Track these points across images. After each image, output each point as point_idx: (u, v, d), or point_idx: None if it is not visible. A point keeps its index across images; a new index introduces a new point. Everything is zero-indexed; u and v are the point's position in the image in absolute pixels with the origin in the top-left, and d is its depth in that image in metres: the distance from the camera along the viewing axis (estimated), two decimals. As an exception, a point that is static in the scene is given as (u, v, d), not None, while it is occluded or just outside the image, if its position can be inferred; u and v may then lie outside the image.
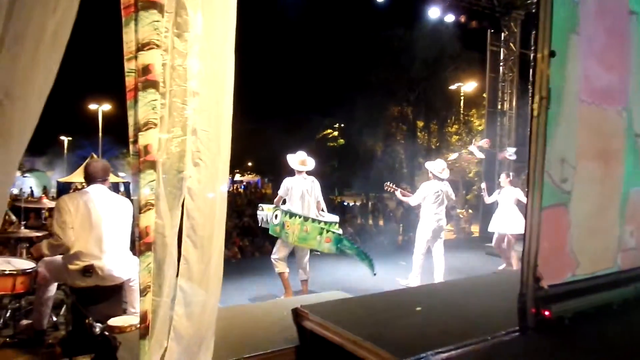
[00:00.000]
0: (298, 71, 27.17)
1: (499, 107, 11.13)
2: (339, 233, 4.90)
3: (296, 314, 2.60)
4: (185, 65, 2.17)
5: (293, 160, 5.07)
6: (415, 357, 1.93)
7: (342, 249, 4.90)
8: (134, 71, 2.05)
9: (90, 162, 3.63)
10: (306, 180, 5.03)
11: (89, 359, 2.65)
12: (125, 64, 2.07)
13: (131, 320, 2.67)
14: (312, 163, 5.10)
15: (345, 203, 17.68)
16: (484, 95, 12.63)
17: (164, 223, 2.16)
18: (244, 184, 28.58)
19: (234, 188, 26.30)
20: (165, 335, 2.21)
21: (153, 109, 2.05)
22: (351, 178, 26.90)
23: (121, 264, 3.19)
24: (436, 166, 5.82)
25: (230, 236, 8.74)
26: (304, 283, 5.02)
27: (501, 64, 10.95)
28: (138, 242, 2.12)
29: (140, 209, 2.08)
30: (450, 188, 5.92)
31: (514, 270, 5.86)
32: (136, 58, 2.03)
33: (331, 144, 32.66)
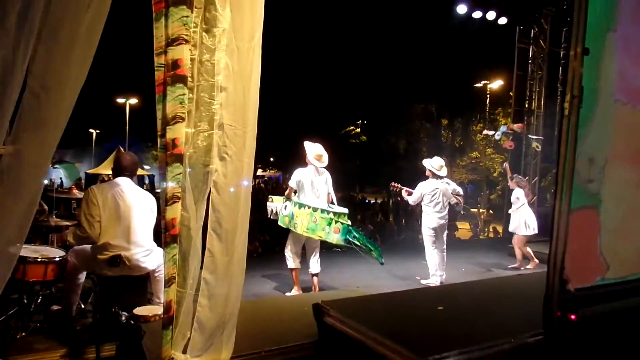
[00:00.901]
0: (323, 68, 27.11)
1: (526, 106, 10.88)
2: (348, 224, 4.82)
3: (317, 309, 2.62)
4: (213, 60, 2.19)
5: (310, 150, 4.97)
6: (437, 356, 1.91)
7: (351, 240, 4.82)
8: (163, 66, 2.09)
9: (122, 155, 3.69)
10: (319, 173, 4.97)
11: (115, 346, 2.72)
12: (155, 59, 2.11)
13: (156, 310, 2.73)
14: (327, 160, 5.01)
15: (366, 200, 17.59)
16: (511, 93, 12.35)
17: (190, 215, 2.20)
18: (265, 179, 28.69)
19: (256, 183, 26.44)
20: (188, 326, 2.25)
21: (181, 103, 2.08)
22: (373, 175, 26.74)
23: (147, 255, 3.26)
24: (433, 163, 5.73)
25: (251, 230, 8.78)
26: (314, 276, 4.99)
27: (530, 62, 10.70)
28: (164, 234, 2.16)
29: (166, 202, 2.12)
30: (451, 185, 5.82)
31: (540, 271, 5.74)
32: (165, 53, 2.07)
33: (353, 141, 32.54)
